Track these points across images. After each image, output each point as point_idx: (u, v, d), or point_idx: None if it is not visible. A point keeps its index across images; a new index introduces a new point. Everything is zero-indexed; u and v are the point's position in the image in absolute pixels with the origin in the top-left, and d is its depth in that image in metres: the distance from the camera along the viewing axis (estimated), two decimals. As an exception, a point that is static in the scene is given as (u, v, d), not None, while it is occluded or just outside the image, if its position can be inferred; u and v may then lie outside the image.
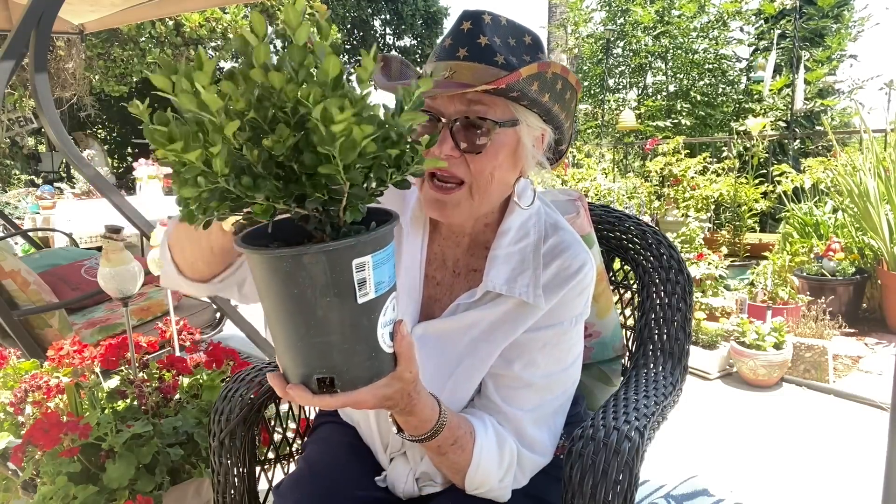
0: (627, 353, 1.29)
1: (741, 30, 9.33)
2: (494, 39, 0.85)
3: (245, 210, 0.59)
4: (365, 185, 0.60)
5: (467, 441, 0.86)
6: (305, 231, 0.63)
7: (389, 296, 0.65)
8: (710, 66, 9.38)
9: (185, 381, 1.72)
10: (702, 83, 9.42)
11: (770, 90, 7.55)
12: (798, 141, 7.17)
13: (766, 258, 4.31)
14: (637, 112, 9.06)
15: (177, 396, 1.66)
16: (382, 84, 0.88)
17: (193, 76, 0.51)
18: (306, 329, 0.61)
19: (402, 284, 0.96)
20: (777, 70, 7.92)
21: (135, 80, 10.64)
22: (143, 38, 9.69)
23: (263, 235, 0.64)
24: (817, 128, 7.21)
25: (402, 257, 0.97)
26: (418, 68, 0.98)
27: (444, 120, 0.85)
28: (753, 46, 9.07)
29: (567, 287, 0.92)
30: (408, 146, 0.61)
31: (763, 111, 7.57)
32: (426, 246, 0.99)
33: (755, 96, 8.04)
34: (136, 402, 1.60)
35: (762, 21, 8.65)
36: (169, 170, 0.56)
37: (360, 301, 0.61)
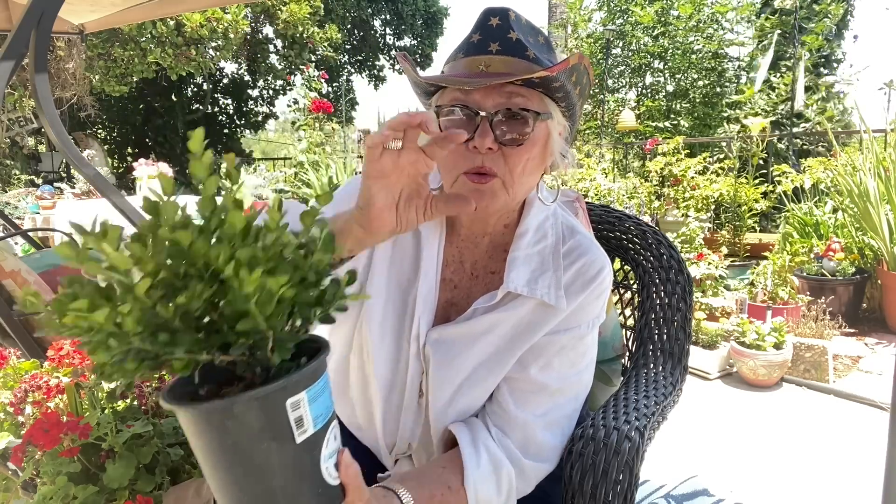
0: (627, 353, 1.29)
1: (732, 30, 9.35)
2: (521, 35, 0.85)
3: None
4: (289, 326, 0.58)
5: (451, 496, 0.86)
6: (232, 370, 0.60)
7: (329, 426, 0.63)
8: (708, 66, 9.39)
9: (186, 381, 1.71)
10: (701, 84, 9.43)
11: (760, 90, 7.56)
12: (798, 141, 7.17)
13: (766, 258, 4.31)
14: (637, 112, 9.07)
15: (177, 396, 1.66)
16: (419, 77, 0.86)
17: (99, 243, 0.49)
18: (245, 479, 0.58)
19: (419, 289, 0.95)
20: (776, 68, 7.92)
21: (135, 80, 10.65)
22: (144, 38, 9.70)
23: (190, 382, 0.61)
24: (817, 128, 7.20)
25: (420, 261, 0.96)
26: (420, 69, 0.96)
27: (483, 113, 0.83)
28: (751, 46, 9.08)
29: (587, 291, 0.92)
30: (329, 282, 0.59)
31: (758, 110, 7.57)
32: (443, 248, 0.98)
33: (745, 97, 8.05)
34: (136, 402, 1.60)
35: (759, 20, 8.65)
36: (170, 170, 0.55)
37: (298, 441, 0.59)
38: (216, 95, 16.45)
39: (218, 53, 10.82)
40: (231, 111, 16.98)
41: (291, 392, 0.57)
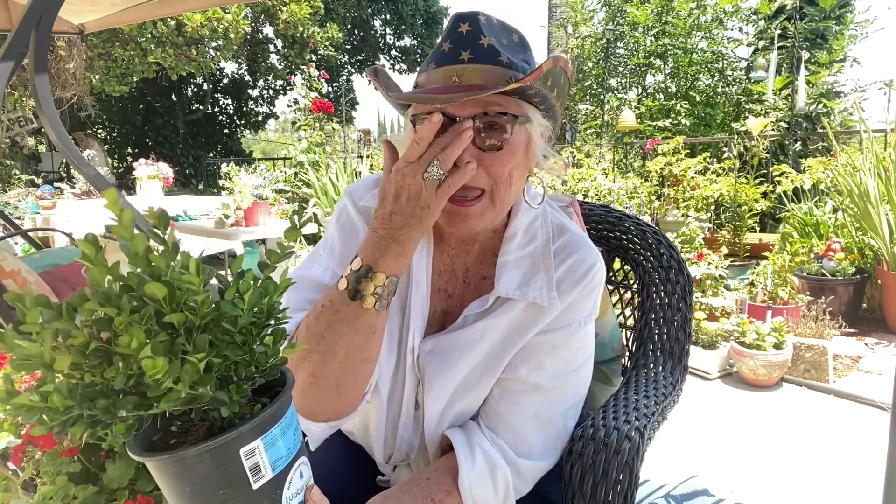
0: (627, 353, 1.29)
1: (740, 30, 9.35)
2: (493, 39, 0.83)
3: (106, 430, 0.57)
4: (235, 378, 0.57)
5: (445, 496, 0.86)
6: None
7: (293, 465, 0.61)
8: (709, 66, 9.39)
9: (186, 381, 1.71)
10: (701, 83, 9.43)
11: (773, 91, 7.55)
12: (799, 142, 7.17)
13: (766, 258, 4.31)
14: (637, 112, 9.07)
15: (177, 396, 1.66)
16: (389, 95, 0.84)
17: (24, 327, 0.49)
18: None
19: (411, 300, 0.94)
20: (777, 69, 7.92)
21: (135, 80, 10.65)
22: (144, 39, 9.70)
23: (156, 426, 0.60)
24: (819, 129, 7.20)
25: (410, 272, 0.94)
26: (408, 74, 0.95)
27: (460, 119, 0.81)
28: (753, 46, 9.08)
29: (578, 288, 0.91)
30: (258, 348, 0.58)
31: (765, 111, 7.57)
32: (432, 258, 0.96)
33: (755, 96, 8.03)
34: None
35: (762, 20, 8.65)
36: (170, 170, 0.54)
37: (255, 486, 0.57)
38: (216, 95, 16.44)
39: (218, 53, 10.82)
40: (231, 111, 16.98)
41: (245, 441, 0.56)
